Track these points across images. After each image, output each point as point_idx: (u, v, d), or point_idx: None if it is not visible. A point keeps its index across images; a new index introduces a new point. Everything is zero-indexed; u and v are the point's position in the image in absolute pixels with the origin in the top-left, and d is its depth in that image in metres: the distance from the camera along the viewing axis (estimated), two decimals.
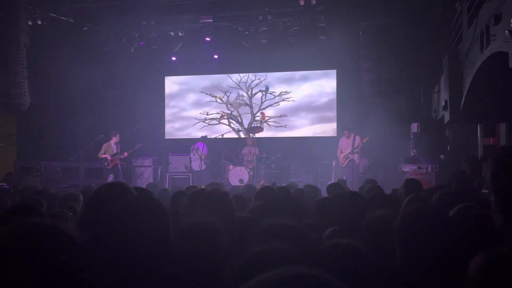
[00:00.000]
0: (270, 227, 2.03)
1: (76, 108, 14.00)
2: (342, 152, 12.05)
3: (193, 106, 15.59)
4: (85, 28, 13.86)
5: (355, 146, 11.68)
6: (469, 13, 8.12)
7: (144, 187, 6.27)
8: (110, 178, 12.05)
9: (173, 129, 15.70)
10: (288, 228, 2.00)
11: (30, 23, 12.96)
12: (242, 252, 1.53)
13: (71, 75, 13.54)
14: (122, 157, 12.50)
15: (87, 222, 1.97)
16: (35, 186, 8.91)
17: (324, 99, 14.77)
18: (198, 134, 14.38)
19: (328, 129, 14.59)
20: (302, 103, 14.93)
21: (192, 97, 15.64)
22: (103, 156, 12.34)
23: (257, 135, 13.61)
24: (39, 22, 13.08)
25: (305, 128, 14.87)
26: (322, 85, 14.82)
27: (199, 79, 15.62)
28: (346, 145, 11.99)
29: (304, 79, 14.97)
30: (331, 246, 1.93)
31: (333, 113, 14.57)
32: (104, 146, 12.43)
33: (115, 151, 12.42)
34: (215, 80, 15.48)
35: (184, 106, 15.68)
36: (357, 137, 11.73)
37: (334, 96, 14.61)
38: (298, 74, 15.00)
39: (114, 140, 12.47)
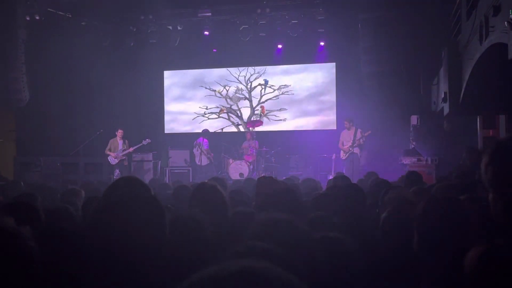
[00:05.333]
0: (265, 222, 2.03)
1: (75, 103, 13.98)
2: (343, 145, 12.03)
3: (192, 101, 15.57)
4: (83, 23, 13.82)
5: (356, 139, 11.69)
6: (468, 5, 8.10)
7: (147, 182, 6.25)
8: (116, 173, 12.06)
9: (173, 123, 15.68)
10: (283, 223, 2.00)
11: (28, 18, 12.90)
12: (233, 248, 1.53)
13: (69, 70, 13.52)
14: (127, 152, 12.50)
15: (101, 217, 1.98)
16: (35, 182, 8.92)
17: (323, 92, 14.75)
18: (198, 129, 14.38)
19: (328, 122, 14.58)
20: (302, 96, 14.91)
21: (190, 91, 15.62)
22: (108, 152, 12.35)
23: (257, 128, 13.60)
24: (37, 17, 13.03)
25: (304, 121, 14.86)
26: (321, 78, 14.80)
27: (198, 73, 15.58)
28: (347, 138, 11.98)
29: (303, 72, 14.94)
30: (319, 239, 1.94)
31: (332, 106, 14.56)
32: (110, 142, 12.43)
33: (120, 147, 12.40)
34: (214, 74, 15.45)
35: (183, 100, 15.65)
36: (359, 130, 11.73)
37: (333, 89, 14.59)
38: (297, 67, 14.96)
39: (119, 135, 12.46)
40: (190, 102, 15.59)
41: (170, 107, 15.70)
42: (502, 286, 1.40)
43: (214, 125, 14.97)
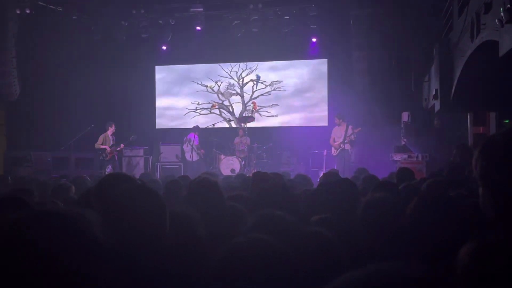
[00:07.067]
0: (261, 218, 2.04)
1: (66, 97, 13.90)
2: (334, 141, 12.05)
3: (184, 96, 15.52)
4: (74, 17, 13.71)
5: (347, 135, 11.71)
6: (460, 2, 8.14)
7: (137, 177, 6.22)
8: (108, 169, 11.98)
9: (164, 119, 15.63)
10: (278, 219, 2.01)
11: (18, 12, 12.79)
12: (226, 243, 1.53)
13: (60, 65, 13.43)
14: (119, 149, 12.44)
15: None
16: (26, 176, 8.86)
17: (315, 89, 14.75)
18: (190, 124, 14.35)
19: (319, 118, 14.59)
20: (293, 92, 14.91)
21: (182, 87, 15.56)
22: (102, 147, 12.22)
23: (249, 124, 13.60)
24: (28, 11, 12.90)
25: (296, 117, 14.87)
26: (313, 75, 14.80)
27: (190, 69, 15.54)
28: (338, 134, 12.01)
29: (295, 68, 14.93)
30: (309, 233, 1.95)
31: (324, 103, 14.57)
32: (102, 136, 12.32)
33: (111, 142, 12.34)
34: (205, 69, 15.41)
35: (175, 96, 15.59)
36: (350, 127, 11.76)
37: (325, 85, 14.60)
38: (289, 63, 14.95)
39: (110, 130, 12.38)
40: (182, 97, 15.54)
41: (162, 102, 15.65)
42: (495, 283, 1.41)
43: (205, 120, 14.94)
